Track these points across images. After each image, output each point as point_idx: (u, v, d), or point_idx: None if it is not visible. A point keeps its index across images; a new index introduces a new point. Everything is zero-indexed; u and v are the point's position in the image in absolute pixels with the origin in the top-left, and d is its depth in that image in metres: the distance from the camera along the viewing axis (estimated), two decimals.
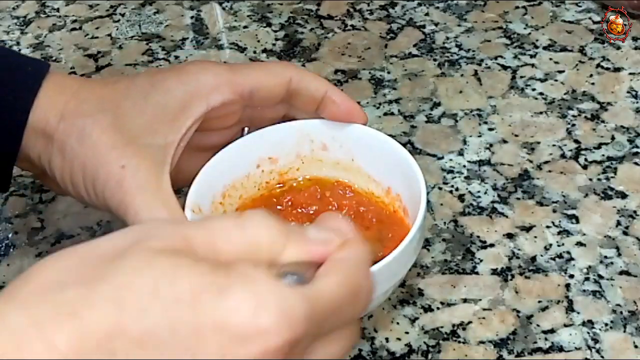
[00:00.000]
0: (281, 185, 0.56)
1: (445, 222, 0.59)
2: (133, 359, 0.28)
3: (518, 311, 0.53)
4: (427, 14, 0.77)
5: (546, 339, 0.51)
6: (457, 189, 0.61)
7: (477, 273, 0.55)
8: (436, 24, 0.76)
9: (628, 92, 0.68)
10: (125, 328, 0.29)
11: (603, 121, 0.65)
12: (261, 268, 0.30)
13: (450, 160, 0.63)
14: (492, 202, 0.60)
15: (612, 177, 0.61)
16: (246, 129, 0.56)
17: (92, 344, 0.28)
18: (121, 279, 0.29)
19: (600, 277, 0.54)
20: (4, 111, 0.50)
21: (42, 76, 0.51)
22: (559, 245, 0.57)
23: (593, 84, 0.69)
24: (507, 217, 0.59)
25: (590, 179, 0.61)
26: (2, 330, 0.28)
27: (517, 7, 0.77)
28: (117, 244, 0.31)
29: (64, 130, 0.50)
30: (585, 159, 0.62)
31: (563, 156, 0.63)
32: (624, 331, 0.51)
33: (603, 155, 0.63)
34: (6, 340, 0.28)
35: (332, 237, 0.33)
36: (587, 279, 0.54)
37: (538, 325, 0.52)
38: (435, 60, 0.72)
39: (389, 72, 0.71)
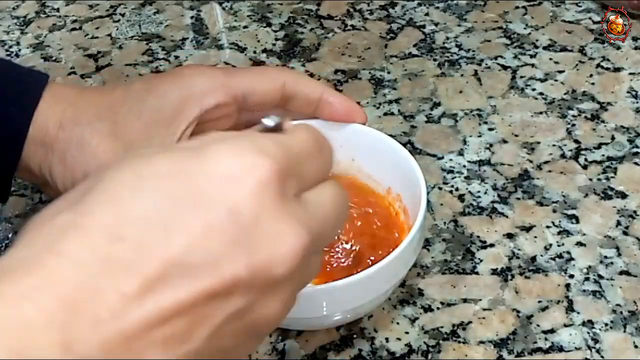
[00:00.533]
0: None
1: (445, 222, 0.59)
2: (149, 238, 0.29)
3: (518, 311, 0.53)
4: (427, 14, 0.77)
5: (546, 339, 0.51)
6: (457, 189, 0.61)
7: (477, 273, 0.55)
8: (436, 24, 0.76)
9: (628, 92, 0.68)
10: (126, 216, 0.30)
11: (603, 121, 0.65)
12: (228, 134, 0.33)
13: (450, 160, 0.63)
14: (492, 202, 0.60)
15: (612, 177, 0.61)
16: None
17: (102, 241, 0.29)
18: (104, 185, 0.31)
19: (600, 277, 0.54)
20: (4, 123, 0.50)
21: (42, 88, 0.51)
22: (559, 245, 0.57)
23: (593, 84, 0.69)
24: (507, 217, 0.59)
25: (590, 179, 0.61)
26: (13, 259, 0.29)
27: (517, 7, 0.77)
28: (96, 174, 0.33)
29: (63, 139, 0.50)
30: (585, 159, 0.62)
31: (563, 156, 0.63)
32: (624, 331, 0.51)
33: (603, 155, 0.63)
34: (18, 266, 0.29)
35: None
36: (587, 279, 0.54)
37: (538, 325, 0.52)
38: (435, 60, 0.72)
39: (389, 72, 0.71)
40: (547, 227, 0.58)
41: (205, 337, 0.30)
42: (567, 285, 0.54)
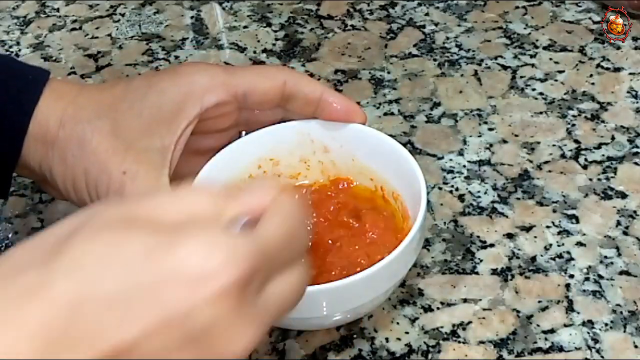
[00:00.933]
0: None
1: (445, 222, 0.59)
2: (104, 321, 0.30)
3: (518, 311, 0.53)
4: (427, 14, 0.77)
5: (546, 339, 0.51)
6: (457, 189, 0.61)
7: (477, 273, 0.55)
8: (436, 24, 0.76)
9: (628, 92, 0.68)
10: (88, 295, 0.30)
11: (603, 121, 0.65)
12: (207, 223, 0.33)
13: (450, 160, 0.63)
14: (492, 202, 0.60)
15: (612, 177, 0.61)
16: (243, 132, 0.56)
17: (62, 314, 0.29)
18: (75, 252, 0.31)
19: (600, 277, 0.54)
20: (4, 119, 0.50)
21: (43, 84, 0.51)
22: (559, 245, 0.57)
23: (593, 84, 0.69)
24: (507, 217, 0.59)
25: (590, 179, 0.61)
26: None
27: (517, 7, 0.77)
28: (70, 226, 0.33)
29: (64, 137, 0.50)
30: (585, 159, 0.62)
31: (563, 156, 0.63)
32: (624, 331, 0.51)
33: (603, 155, 0.63)
34: None
35: (266, 192, 0.36)
36: (587, 279, 0.54)
37: (538, 325, 0.52)
38: (435, 60, 0.72)
39: (389, 72, 0.71)
40: (547, 227, 0.58)
41: None
42: (567, 285, 0.54)
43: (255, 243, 0.33)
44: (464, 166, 0.63)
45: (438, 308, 0.53)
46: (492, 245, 0.57)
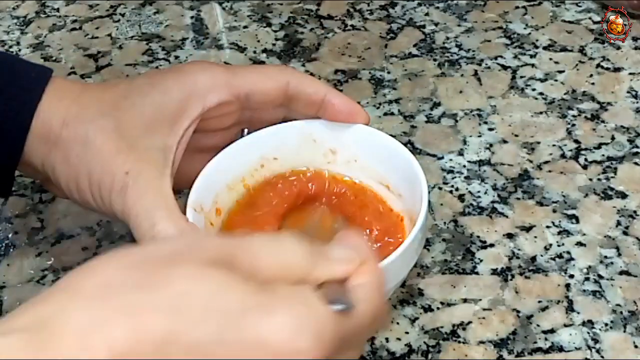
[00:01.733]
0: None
1: (445, 222, 0.59)
2: None
3: (518, 311, 0.53)
4: (427, 14, 0.77)
5: (546, 339, 0.51)
6: (457, 189, 0.61)
7: (477, 273, 0.55)
8: (436, 24, 0.76)
9: (628, 92, 0.68)
10: (179, 336, 0.30)
11: (603, 121, 0.65)
12: (303, 290, 0.33)
13: (450, 160, 0.63)
14: (492, 202, 0.60)
15: (612, 177, 0.61)
16: (245, 130, 0.56)
17: (148, 346, 0.30)
18: (177, 287, 0.31)
19: (600, 277, 0.54)
20: (7, 117, 0.50)
21: (45, 82, 0.51)
22: (559, 245, 0.57)
23: (593, 84, 0.69)
24: (507, 217, 0.59)
25: (590, 179, 0.61)
26: (66, 326, 0.30)
27: (517, 7, 0.77)
28: (170, 251, 0.33)
29: (67, 136, 0.50)
30: (585, 159, 0.62)
31: (563, 156, 0.63)
32: (624, 331, 0.51)
33: (603, 155, 0.63)
34: (69, 335, 0.29)
35: (353, 255, 0.36)
36: (587, 279, 0.54)
37: (538, 325, 0.52)
38: (435, 60, 0.72)
39: (389, 72, 0.71)
40: (547, 227, 0.58)
41: None
42: (567, 285, 0.54)
43: (345, 323, 0.33)
44: (464, 166, 0.63)
45: (438, 308, 0.53)
46: (492, 245, 0.57)
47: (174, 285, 0.31)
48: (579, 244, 0.57)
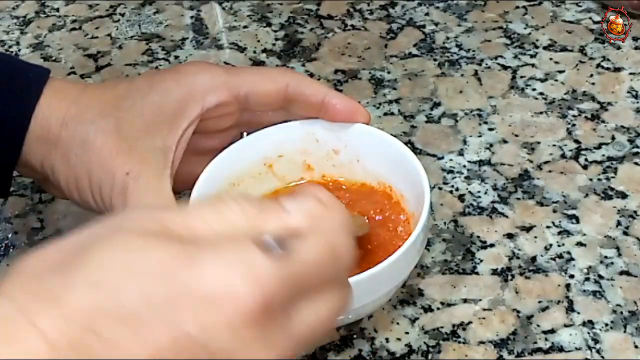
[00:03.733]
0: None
1: (445, 222, 0.59)
2: (118, 337, 0.29)
3: (518, 311, 0.53)
4: (427, 14, 0.77)
5: (546, 339, 0.51)
6: (457, 189, 0.61)
7: (477, 273, 0.55)
8: (436, 24, 0.76)
9: (628, 92, 0.68)
10: (105, 307, 0.29)
11: (603, 121, 0.65)
12: (236, 240, 0.31)
13: (450, 160, 0.63)
14: (492, 202, 0.60)
15: (612, 177, 0.61)
16: (244, 133, 0.56)
17: (77, 326, 0.29)
18: (96, 261, 0.30)
19: (601, 277, 0.54)
20: (5, 118, 0.50)
21: (43, 82, 0.51)
22: (559, 246, 0.56)
23: (593, 84, 0.69)
24: (507, 217, 0.59)
25: (591, 179, 0.61)
26: None
27: (517, 7, 0.77)
28: (95, 232, 0.32)
29: (66, 137, 0.50)
30: (586, 159, 0.62)
31: (563, 156, 0.63)
32: (624, 331, 0.51)
33: (603, 155, 0.63)
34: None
35: (309, 205, 0.34)
36: (587, 279, 0.54)
37: (538, 326, 0.52)
38: (435, 60, 0.72)
39: (389, 72, 0.71)
40: (547, 227, 0.58)
41: None
42: (567, 286, 0.54)
43: (285, 266, 0.31)
44: (464, 166, 0.63)
45: (438, 308, 0.53)
46: (492, 245, 0.57)
47: (92, 261, 0.30)
48: (579, 244, 0.57)
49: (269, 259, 0.31)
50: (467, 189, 0.61)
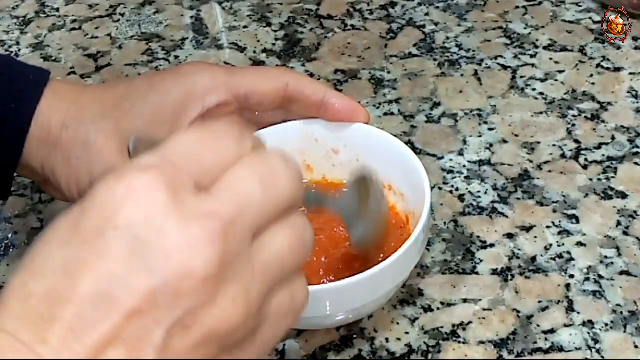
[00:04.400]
0: None
1: (445, 222, 0.59)
2: (58, 288, 0.29)
3: (518, 311, 0.53)
4: (427, 14, 0.77)
5: (546, 339, 0.51)
6: (457, 189, 0.61)
7: (477, 273, 0.55)
8: (436, 24, 0.76)
9: (628, 92, 0.68)
10: (32, 271, 0.30)
11: (603, 121, 0.65)
12: None
13: (450, 160, 0.63)
14: (492, 202, 0.60)
15: (612, 177, 0.61)
16: None
17: (15, 302, 0.29)
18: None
19: (601, 277, 0.54)
20: (6, 120, 0.50)
21: (44, 84, 0.51)
22: (559, 246, 0.56)
23: (593, 84, 0.69)
24: (507, 217, 0.59)
25: (591, 179, 0.61)
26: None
27: (517, 7, 0.77)
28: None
29: (67, 139, 0.50)
30: (586, 159, 0.62)
31: (563, 156, 0.63)
32: (624, 331, 0.51)
33: (603, 155, 0.63)
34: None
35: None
36: (587, 279, 0.54)
37: (538, 326, 0.52)
38: (435, 60, 0.72)
39: (389, 72, 0.71)
40: (547, 227, 0.58)
41: (153, 357, 0.29)
42: (567, 286, 0.54)
43: (158, 151, 0.32)
44: (464, 166, 0.63)
45: (438, 308, 0.53)
46: (492, 245, 0.57)
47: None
48: (579, 244, 0.57)
49: (148, 152, 0.31)
50: (467, 189, 0.61)
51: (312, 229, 0.34)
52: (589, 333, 0.51)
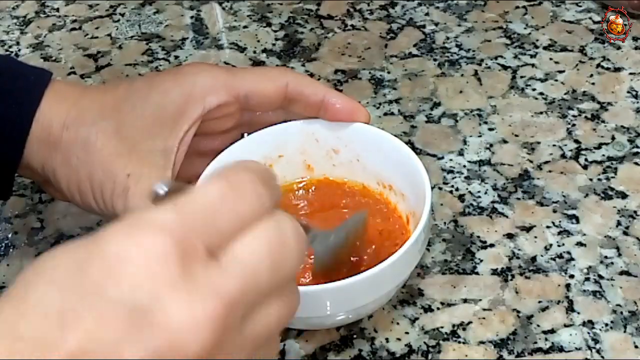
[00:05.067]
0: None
1: (445, 222, 0.59)
2: (47, 336, 0.28)
3: (518, 311, 0.53)
4: (427, 14, 0.77)
5: (546, 339, 0.51)
6: (457, 189, 0.61)
7: (477, 273, 0.55)
8: (436, 24, 0.76)
9: (628, 92, 0.68)
10: (24, 312, 0.29)
11: (603, 121, 0.65)
12: None
13: (450, 160, 0.63)
14: (492, 202, 0.60)
15: (612, 177, 0.61)
16: (245, 134, 0.56)
17: (4, 342, 0.28)
18: (14, 285, 0.30)
19: (601, 277, 0.54)
20: (7, 120, 0.50)
21: (45, 85, 0.51)
22: (559, 246, 0.56)
23: (593, 84, 0.69)
24: (507, 217, 0.59)
25: (591, 179, 0.61)
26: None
27: (517, 7, 0.77)
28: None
29: (68, 140, 0.50)
30: (586, 159, 0.62)
31: (563, 156, 0.63)
32: (624, 331, 0.51)
33: (603, 155, 0.63)
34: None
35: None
36: (587, 279, 0.54)
37: (538, 326, 0.52)
38: (435, 60, 0.72)
39: (389, 72, 0.71)
40: (547, 227, 0.58)
41: None
42: (568, 286, 0.54)
43: (176, 210, 0.31)
44: (464, 166, 0.63)
45: (438, 308, 0.53)
46: (492, 245, 0.57)
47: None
48: (579, 244, 0.57)
49: (164, 207, 0.31)
50: (467, 189, 0.61)
51: (299, 297, 0.34)
52: (589, 333, 0.51)
